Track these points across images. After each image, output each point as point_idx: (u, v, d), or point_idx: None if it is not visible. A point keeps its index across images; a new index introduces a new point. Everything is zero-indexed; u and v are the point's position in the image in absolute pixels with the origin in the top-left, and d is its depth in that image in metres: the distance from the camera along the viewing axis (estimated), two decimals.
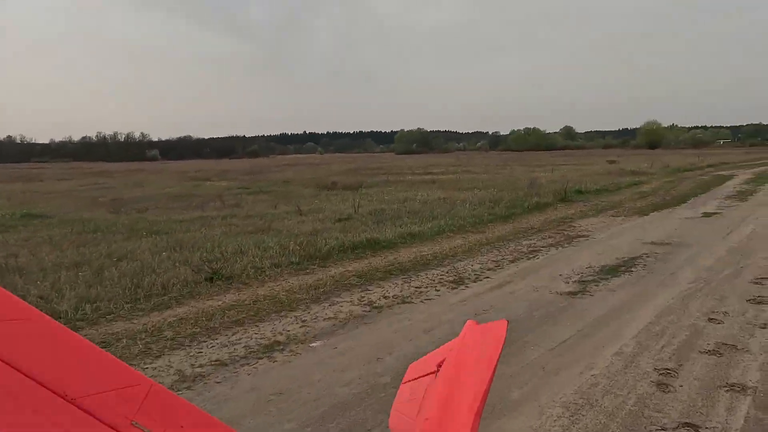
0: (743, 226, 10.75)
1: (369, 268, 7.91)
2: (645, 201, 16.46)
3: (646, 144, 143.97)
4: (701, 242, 9.16)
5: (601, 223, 12.12)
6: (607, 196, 18.42)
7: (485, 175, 33.55)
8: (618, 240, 9.67)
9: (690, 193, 18.44)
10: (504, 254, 8.80)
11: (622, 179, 25.44)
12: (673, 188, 20.98)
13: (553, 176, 29.21)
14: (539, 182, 24.17)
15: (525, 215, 13.69)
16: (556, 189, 19.40)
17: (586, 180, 24.88)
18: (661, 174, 30.38)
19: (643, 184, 23.54)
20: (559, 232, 10.89)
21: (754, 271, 7.00)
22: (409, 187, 23.21)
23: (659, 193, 18.86)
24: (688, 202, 16.04)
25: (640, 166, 35.69)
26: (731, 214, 12.78)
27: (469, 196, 17.79)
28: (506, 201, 16.10)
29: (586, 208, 15.06)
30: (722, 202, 15.54)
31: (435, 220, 12.61)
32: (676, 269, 7.23)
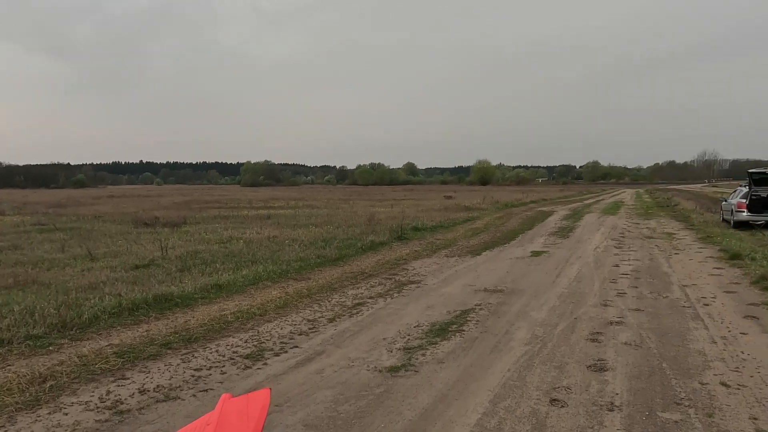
0: (569, 267, 10.61)
1: (142, 340, 5.97)
2: (478, 239, 16.36)
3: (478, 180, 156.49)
4: (532, 288, 8.62)
5: (435, 264, 11.36)
6: (442, 232, 18.18)
7: (326, 210, 32.48)
8: (450, 287, 8.81)
9: (518, 230, 18.92)
10: (324, 310, 7.39)
11: (457, 215, 25.93)
12: (502, 224, 21.58)
13: (393, 212, 29.06)
14: (378, 218, 23.61)
15: (358, 257, 12.55)
16: (393, 226, 18.80)
17: (423, 216, 24.89)
18: (492, 210, 31.81)
19: (476, 220, 24.08)
20: (391, 278, 9.83)
21: (588, 324, 6.38)
22: (241, 224, 21.16)
23: (491, 230, 19.11)
24: (517, 239, 16.24)
25: (473, 202, 37.34)
26: (557, 252, 12.86)
27: (302, 235, 16.35)
28: (340, 240, 14.93)
29: (421, 246, 14.41)
30: (547, 239, 15.93)
31: (255, 265, 10.90)
32: (510, 326, 6.37)
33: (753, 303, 7.33)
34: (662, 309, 7.09)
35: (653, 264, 10.92)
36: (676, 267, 10.52)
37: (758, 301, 7.45)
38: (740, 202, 18.17)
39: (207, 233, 17.21)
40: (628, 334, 5.97)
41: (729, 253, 11.79)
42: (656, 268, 10.37)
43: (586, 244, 14.51)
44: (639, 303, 7.44)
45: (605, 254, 12.43)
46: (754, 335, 5.87)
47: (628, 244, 14.26)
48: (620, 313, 6.88)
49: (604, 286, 8.69)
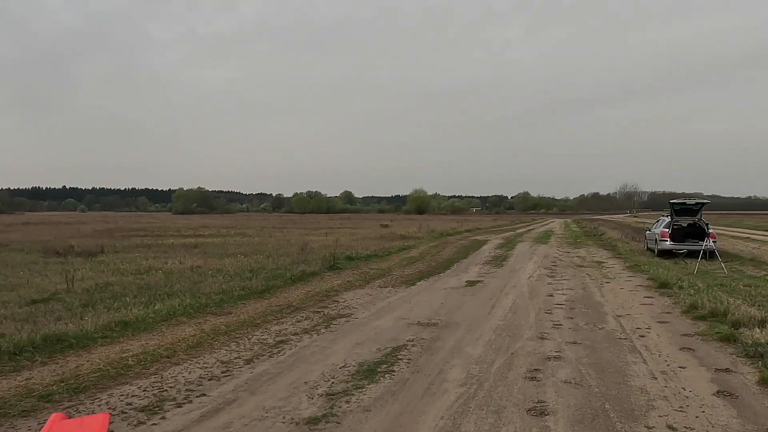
0: (504, 297, 10.35)
1: (17, 392, 5.05)
2: (413, 268, 15.99)
3: (414, 210, 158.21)
4: (467, 320, 8.23)
5: (368, 296, 10.81)
6: (377, 262, 17.71)
7: (258, 238, 31.37)
8: (382, 321, 8.28)
9: (453, 259, 18.74)
10: (242, 349, 6.66)
11: (392, 244, 25.60)
12: (438, 253, 21.39)
13: (327, 240, 28.39)
14: (312, 247, 22.89)
15: (286, 288, 11.82)
16: (326, 255, 18.17)
17: (358, 245, 24.39)
18: (428, 238, 31.74)
19: (412, 248, 23.81)
20: (320, 311, 9.19)
21: (526, 360, 6.01)
22: (164, 253, 19.87)
23: (426, 259, 18.83)
24: (452, 268, 15.99)
25: (409, 231, 37.25)
26: (491, 282, 12.64)
27: (228, 265, 15.42)
28: (269, 270, 14.13)
29: (355, 276, 13.85)
30: (482, 268, 15.77)
31: (172, 298, 9.98)
32: (444, 364, 5.89)
33: (686, 333, 7.23)
34: (599, 341, 6.85)
35: (586, 293, 10.85)
36: (609, 296, 10.48)
37: (691, 331, 7.36)
38: (664, 231, 18.84)
39: (124, 263, 15.92)
40: (568, 370, 5.63)
41: (657, 281, 11.94)
42: (589, 298, 10.28)
43: (520, 273, 14.42)
44: (576, 335, 7.18)
45: (539, 283, 12.32)
46: (693, 369, 5.68)
47: (560, 273, 14.29)
48: (558, 347, 6.56)
49: (539, 317, 8.42)
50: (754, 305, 9.08)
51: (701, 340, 6.89)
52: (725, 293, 10.40)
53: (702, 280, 12.31)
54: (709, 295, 9.81)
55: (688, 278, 12.08)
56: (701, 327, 7.55)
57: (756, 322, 7.39)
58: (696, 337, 7.05)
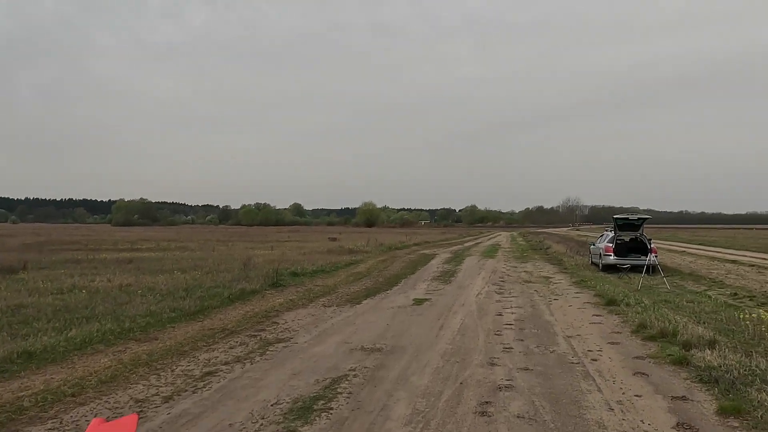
0: (452, 317, 9.95)
1: None
2: (359, 284, 15.44)
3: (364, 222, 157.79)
4: (414, 344, 7.74)
5: (310, 316, 10.19)
6: (323, 278, 17.06)
7: (200, 252, 30.10)
8: (323, 346, 7.68)
9: (401, 275, 18.32)
10: (163, 383, 5.93)
11: (340, 258, 24.97)
12: (386, 268, 20.94)
13: (273, 254, 27.47)
14: (255, 262, 22.00)
15: (223, 308, 11.03)
16: (270, 271, 17.40)
17: (304, 259, 23.64)
18: (376, 252, 31.29)
19: (360, 263, 23.28)
20: (256, 335, 8.50)
21: (476, 391, 5.56)
22: (94, 269, 18.55)
23: (373, 275, 18.33)
24: (399, 284, 15.54)
25: (358, 244, 36.71)
26: (439, 300, 12.25)
27: (162, 282, 14.43)
28: (206, 288, 13.27)
29: (298, 294, 13.17)
30: (430, 284, 15.40)
31: (91, 322, 9.04)
32: (388, 398, 5.37)
33: (638, 356, 6.99)
34: (551, 367, 6.50)
35: (535, 312, 10.60)
36: (558, 314, 10.26)
37: (643, 353, 7.13)
38: (607, 246, 19.07)
39: (46, 281, 14.63)
40: (520, 403, 5.21)
41: (605, 298, 11.86)
42: (539, 317, 10.02)
43: (468, 289, 14.12)
44: (527, 360, 6.81)
45: (488, 301, 12.02)
46: (649, 397, 5.37)
47: (508, 289, 14.07)
48: (509, 375, 6.16)
49: (489, 339, 8.04)
50: (701, 323, 9.03)
51: (654, 363, 6.65)
52: (671, 310, 10.38)
53: (647, 296, 12.34)
54: (657, 312, 9.73)
55: (634, 295, 12.07)
56: (652, 348, 7.35)
57: (705, 342, 7.25)
58: (648, 360, 6.81)
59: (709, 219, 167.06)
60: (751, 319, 9.05)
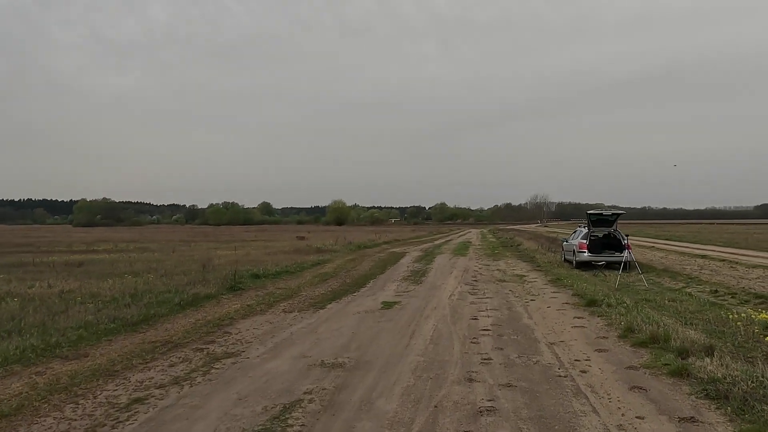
0: (424, 323, 9.13)
1: None
2: (325, 286, 14.51)
3: (334, 221, 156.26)
4: (382, 357, 6.88)
5: (268, 324, 9.22)
6: (287, 279, 16.07)
7: (159, 254, 28.65)
8: (278, 361, 6.75)
9: (370, 275, 17.45)
10: (78, 416, 4.92)
11: (307, 258, 23.96)
12: (354, 268, 20.05)
13: (237, 255, 26.27)
14: (217, 263, 20.85)
15: (171, 317, 9.98)
16: (229, 273, 16.35)
17: (269, 260, 22.57)
18: (345, 251, 30.36)
19: (327, 263, 22.33)
20: (204, 348, 7.51)
21: (452, 417, 4.73)
22: (40, 274, 17.18)
23: (341, 275, 17.41)
24: (368, 285, 14.67)
25: (327, 243, 35.70)
26: (410, 303, 11.42)
27: (110, 288, 13.23)
28: (156, 294, 12.16)
29: (258, 299, 12.18)
30: (400, 285, 14.56)
31: (13, 337, 7.90)
32: (349, 430, 4.49)
33: (631, 366, 6.27)
34: (537, 382, 5.71)
35: (512, 314, 9.86)
36: (537, 317, 9.53)
37: (635, 362, 6.42)
38: (581, 242, 18.55)
39: None
40: (506, 431, 4.40)
41: (584, 298, 11.21)
42: (517, 320, 9.28)
43: (441, 290, 13.34)
44: (509, 374, 6.01)
45: (461, 303, 11.25)
46: (653, 419, 4.63)
47: (482, 290, 13.35)
48: (490, 393, 5.34)
49: (465, 348, 7.23)
50: (689, 325, 8.43)
51: (650, 374, 5.93)
52: (654, 310, 9.77)
53: (627, 295, 11.75)
54: (641, 314, 9.10)
55: (614, 294, 11.45)
56: (645, 356, 6.64)
57: (701, 348, 6.59)
58: (643, 370, 6.09)
59: (671, 214, 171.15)
60: (741, 319, 8.49)
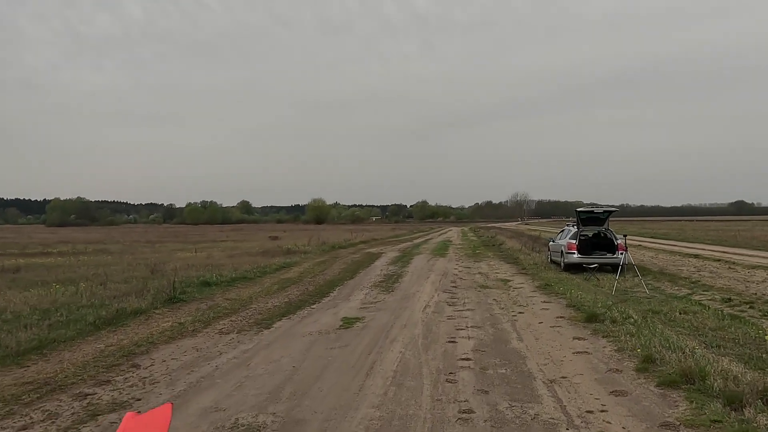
0: (388, 350, 7.30)
1: None
2: (282, 296, 12.61)
3: (313, 219, 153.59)
4: (321, 413, 5.02)
5: (193, 351, 7.32)
6: (241, 287, 14.13)
7: (112, 257, 26.40)
8: (177, 419, 4.85)
9: (338, 280, 15.59)
10: None
11: (273, 260, 22.00)
12: (322, 272, 18.17)
13: (197, 258, 24.20)
14: (169, 268, 18.82)
15: (77, 341, 8.01)
16: (182, 279, 14.42)
17: (231, 263, 20.58)
18: (317, 252, 28.43)
19: (294, 266, 20.41)
20: (89, 394, 5.58)
21: None
22: None
23: (305, 281, 15.53)
24: (332, 294, 12.82)
25: (299, 244, 33.72)
26: (376, 318, 9.59)
27: (25, 300, 11.20)
28: (73, 309, 10.17)
29: (195, 314, 10.24)
30: (368, 294, 12.73)
31: None
32: None
33: (667, 424, 4.51)
34: None
35: (498, 334, 8.09)
36: (528, 338, 7.77)
37: (671, 417, 4.66)
38: (570, 243, 16.91)
39: None
40: None
41: (581, 311, 9.49)
42: (504, 343, 7.50)
43: (414, 300, 11.54)
44: None
45: (437, 318, 9.46)
46: None
47: (462, 299, 11.58)
48: None
49: (438, 393, 5.42)
50: (716, 348, 6.75)
51: None
52: (667, 326, 8.10)
53: (630, 305, 10.08)
54: (655, 333, 7.40)
55: (616, 305, 9.75)
56: (681, 405, 4.89)
57: (756, 392, 4.87)
58: (686, 430, 4.34)
59: (649, 212, 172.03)
60: None
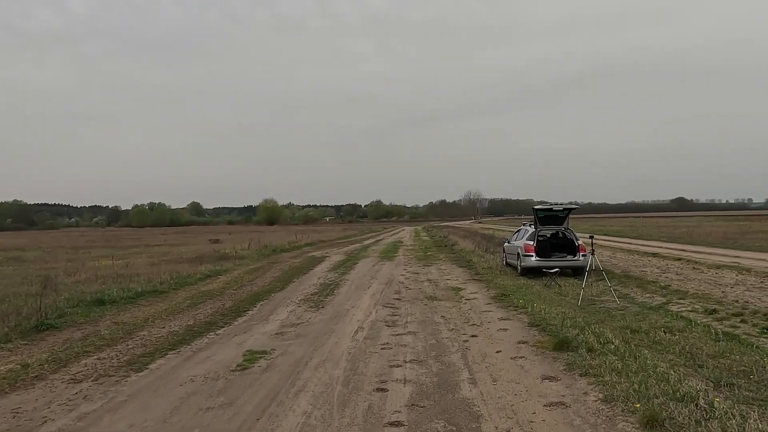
0: (287, 409, 5.19)
1: None
2: (187, 316, 10.33)
3: (265, 220, 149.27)
4: None
5: (9, 417, 5.04)
6: (144, 304, 11.74)
7: (17, 267, 23.20)
8: None
9: (263, 293, 13.37)
10: None
11: (200, 268, 19.50)
12: (251, 281, 15.90)
13: (115, 266, 21.37)
14: (70, 281, 16.22)
15: None
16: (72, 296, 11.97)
17: (147, 273, 17.98)
18: (255, 257, 25.99)
19: (222, 275, 18.02)
20: None
21: None
22: None
23: (226, 294, 13.24)
24: (249, 313, 10.63)
25: (237, 248, 31.14)
26: (289, 352, 7.48)
27: None
28: None
29: (56, 350, 7.86)
30: (293, 312, 10.59)
31: None
32: None
33: None
34: None
35: (445, 374, 6.11)
36: (483, 380, 5.83)
37: None
38: (528, 244, 15.22)
39: None
40: None
41: (548, 332, 7.65)
42: (452, 390, 5.53)
43: (346, 321, 9.48)
44: None
45: (369, 347, 7.43)
46: None
47: (405, 316, 9.62)
48: None
49: None
50: (726, 387, 4.99)
51: None
52: (654, 352, 6.35)
53: (604, 322, 8.33)
54: (643, 364, 5.63)
55: (591, 326, 7.95)
56: None
57: None
58: None
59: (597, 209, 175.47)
60: None
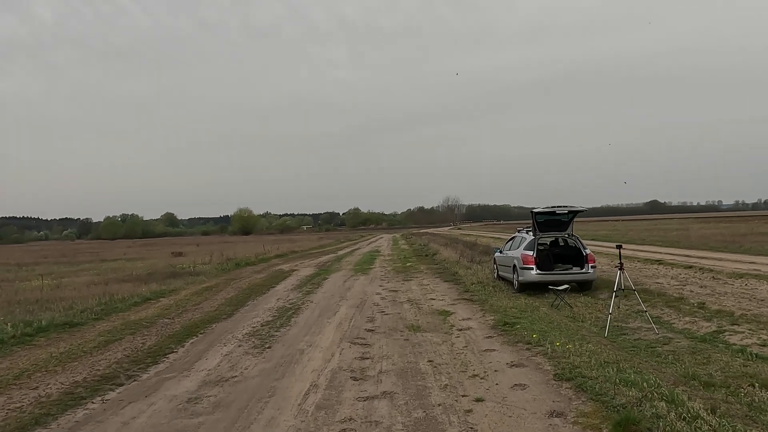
0: None
1: None
2: (88, 363, 7.59)
3: (240, 230, 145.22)
4: None
5: None
6: (43, 343, 8.98)
7: None
8: None
9: (204, 322, 10.67)
10: None
11: (144, 288, 16.67)
12: (196, 305, 13.16)
13: (44, 288, 18.37)
14: None
15: None
16: None
17: (73, 296, 15.10)
18: (213, 272, 23.13)
19: (165, 296, 15.23)
20: None
21: None
22: None
23: (157, 325, 10.52)
24: (173, 356, 7.94)
25: (198, 261, 28.22)
26: None
27: None
28: None
29: None
30: (230, 354, 7.91)
31: None
32: None
33: None
34: None
35: None
36: None
37: None
38: (526, 255, 12.74)
39: None
40: None
41: (596, 401, 5.12)
42: None
43: (296, 371, 6.84)
44: None
45: (321, 429, 4.83)
46: None
47: (378, 361, 7.05)
48: None
49: None
50: None
51: None
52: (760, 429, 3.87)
53: (658, 368, 5.87)
54: None
55: (648, 379, 5.47)
56: None
57: None
58: None
59: None
60: None
